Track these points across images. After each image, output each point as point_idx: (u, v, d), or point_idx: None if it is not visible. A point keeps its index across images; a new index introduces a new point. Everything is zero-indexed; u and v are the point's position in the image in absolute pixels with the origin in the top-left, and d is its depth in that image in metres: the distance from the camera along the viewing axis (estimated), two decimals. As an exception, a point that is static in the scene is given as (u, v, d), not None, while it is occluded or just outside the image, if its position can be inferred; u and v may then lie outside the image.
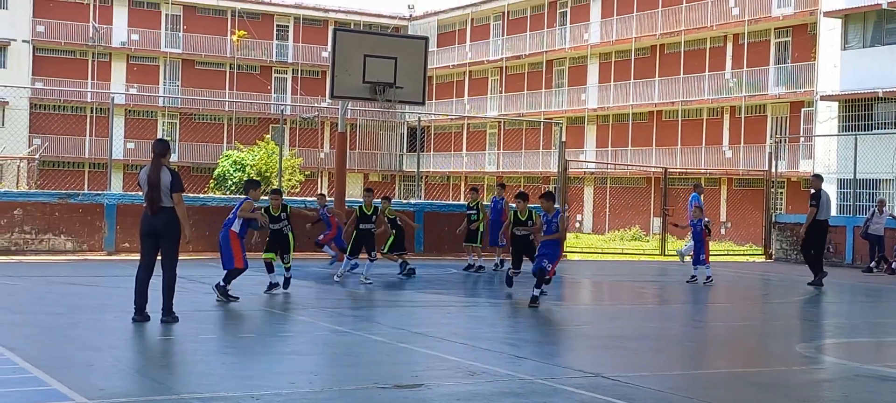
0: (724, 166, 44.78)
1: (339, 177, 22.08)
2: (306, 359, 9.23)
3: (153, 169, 10.53)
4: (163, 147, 10.75)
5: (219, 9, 61.70)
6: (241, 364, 8.72)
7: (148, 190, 10.50)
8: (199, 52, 60.79)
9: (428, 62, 22.47)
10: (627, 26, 50.36)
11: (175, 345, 9.83)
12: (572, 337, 11.18)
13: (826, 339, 11.77)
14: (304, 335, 10.81)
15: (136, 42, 59.92)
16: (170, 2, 60.53)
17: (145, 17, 60.39)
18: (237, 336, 10.55)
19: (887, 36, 37.88)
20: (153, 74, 60.49)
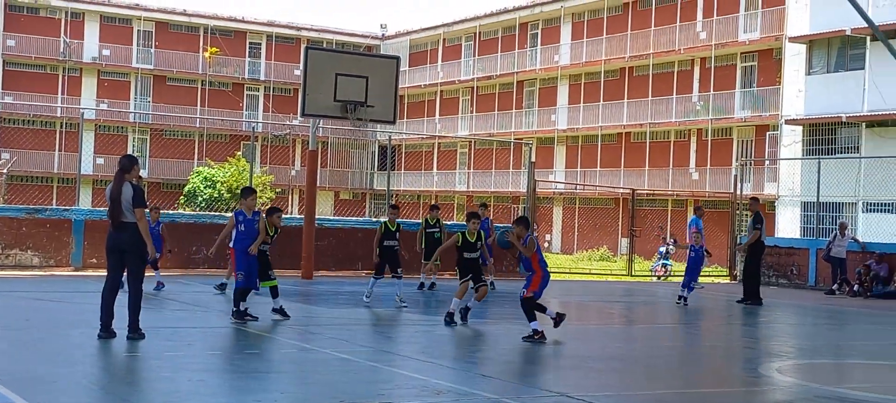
0: (690, 188, 45.05)
1: (309, 194, 22.06)
2: (272, 377, 9.17)
3: (115, 184, 10.43)
4: (127, 162, 10.64)
5: (191, 25, 61.51)
6: (206, 382, 8.66)
7: (110, 205, 10.44)
8: (171, 68, 60.51)
9: (399, 81, 22.53)
10: (597, 49, 50.67)
11: (140, 362, 9.75)
12: (538, 357, 11.18)
13: (788, 360, 11.84)
14: (271, 352, 10.75)
15: (107, 57, 59.58)
16: (142, 18, 60.27)
17: (117, 33, 60.09)
18: (203, 353, 10.46)
19: (851, 62, 38.30)
20: (124, 90, 60.15)
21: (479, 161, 57.15)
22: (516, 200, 50.86)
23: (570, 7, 52.55)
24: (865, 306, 20.11)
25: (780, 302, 20.08)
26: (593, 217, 48.36)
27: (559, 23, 53.57)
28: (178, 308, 14.43)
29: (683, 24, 46.51)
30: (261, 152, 57.44)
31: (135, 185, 10.54)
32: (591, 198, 49.86)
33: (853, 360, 12.35)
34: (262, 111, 62.46)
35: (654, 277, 30.67)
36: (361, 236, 22.71)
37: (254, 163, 26.56)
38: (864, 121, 37.02)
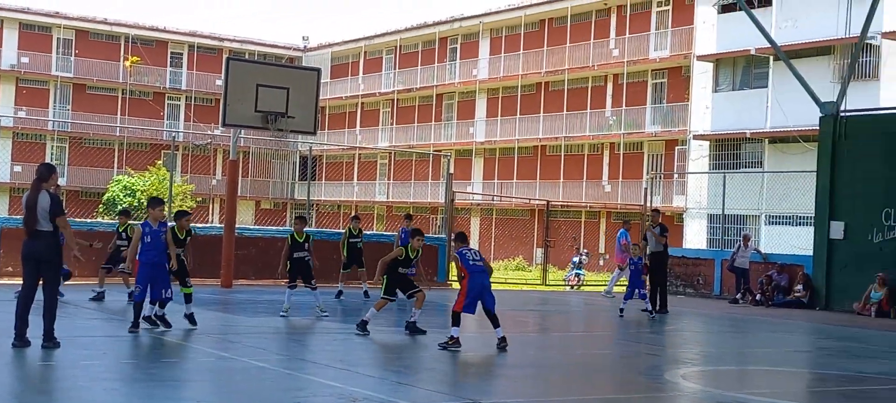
0: (603, 200, 45.60)
1: (229, 203, 21.80)
2: (189, 386, 9.04)
3: (32, 192, 10.22)
4: (45, 171, 10.45)
5: (112, 34, 60.37)
6: (122, 391, 8.50)
7: (25, 213, 10.23)
8: (91, 77, 59.31)
9: (320, 93, 22.43)
10: (514, 64, 51.07)
11: (56, 371, 9.51)
12: (455, 365, 11.21)
13: (693, 367, 12.05)
14: (188, 361, 10.59)
15: (25, 65, 58.13)
16: (62, 26, 58.97)
17: (36, 41, 58.70)
18: (119, 362, 10.26)
19: (755, 80, 39.23)
20: (43, 98, 58.76)
21: (399, 172, 57.13)
22: (435, 211, 50.90)
23: (489, 23, 52.91)
24: (767, 314, 20.57)
25: (686, 311, 20.44)
26: (509, 227, 48.67)
27: (478, 38, 53.88)
28: (94, 317, 14.14)
29: (597, 42, 47.14)
30: (182, 161, 56.55)
31: (53, 194, 10.33)
32: (507, 209, 50.18)
33: (755, 367, 12.61)
34: (184, 120, 61.59)
35: (568, 286, 30.96)
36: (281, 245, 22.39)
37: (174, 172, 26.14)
38: (766, 138, 37.94)
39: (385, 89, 59.45)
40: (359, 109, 61.67)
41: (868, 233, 21.45)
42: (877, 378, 11.43)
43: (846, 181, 22.07)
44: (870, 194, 21.54)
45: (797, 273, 23.07)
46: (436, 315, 17.75)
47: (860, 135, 22.05)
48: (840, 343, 15.69)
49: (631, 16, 45.62)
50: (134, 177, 46.07)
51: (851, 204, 21.93)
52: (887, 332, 17.40)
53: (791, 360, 13.60)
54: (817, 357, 14.18)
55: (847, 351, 14.38)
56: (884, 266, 20.89)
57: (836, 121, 22.29)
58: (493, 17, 52.50)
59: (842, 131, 22.19)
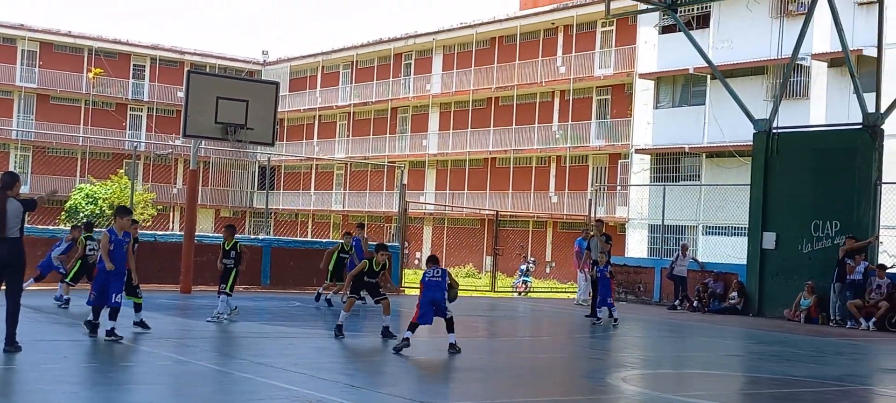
0: (550, 210, 45.83)
1: (189, 211, 21.61)
2: (147, 389, 8.93)
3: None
4: (9, 179, 10.35)
5: (75, 46, 59.59)
6: (80, 394, 8.38)
7: None
8: (55, 88, 58.47)
9: (279, 105, 22.32)
10: (466, 79, 51.20)
11: (16, 374, 9.35)
12: (405, 368, 11.20)
13: (632, 371, 12.15)
14: (147, 365, 10.47)
15: (-10, 75, 57.18)
16: (26, 38, 58.08)
17: (0, 52, 57.75)
18: (79, 365, 10.12)
19: (693, 98, 39.68)
20: (7, 108, 57.81)
21: (355, 182, 56.97)
22: (389, 220, 50.82)
23: (442, 40, 53.01)
24: (703, 320, 20.79)
25: (628, 317, 20.58)
26: (460, 236, 48.72)
27: (431, 54, 53.96)
28: (56, 321, 13.93)
29: (545, 59, 47.43)
30: (143, 170, 55.92)
31: (23, 200, 10.31)
32: (458, 219, 50.24)
33: (692, 370, 12.75)
34: (145, 131, 60.88)
35: (516, 293, 31.05)
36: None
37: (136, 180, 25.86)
38: (704, 152, 38.39)
39: (342, 102, 59.29)
40: (316, 121, 61.43)
41: (798, 244, 21.78)
42: (805, 381, 11.61)
43: (778, 194, 22.40)
44: (800, 206, 21.88)
45: (732, 281, 23.33)
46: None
47: (791, 151, 22.39)
48: (771, 347, 15.91)
49: (577, 35, 45.98)
50: (96, 186, 45.43)
51: (783, 216, 22.26)
52: (815, 337, 17.67)
53: (726, 364, 13.76)
54: (750, 360, 14.37)
55: (778, 356, 14.59)
56: (812, 275, 21.22)
57: (768, 138, 22.62)
58: (446, 34, 52.62)
59: (774, 147, 22.51)
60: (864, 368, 14.21)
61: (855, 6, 33.05)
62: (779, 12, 35.50)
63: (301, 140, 61.85)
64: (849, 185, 21.10)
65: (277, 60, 64.65)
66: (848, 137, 21.88)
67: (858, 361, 14.84)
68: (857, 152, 21.15)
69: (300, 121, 62.55)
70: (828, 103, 34.51)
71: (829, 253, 21.05)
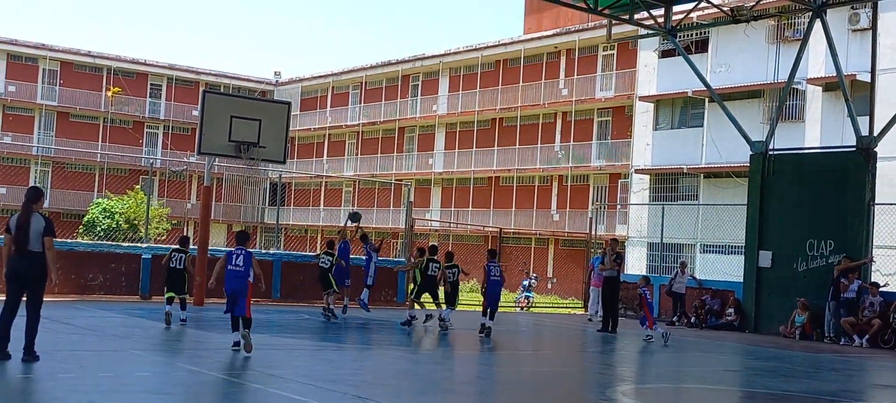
0: (551, 228, 45.77)
1: (203, 226, 21.59)
2: (161, 398, 8.90)
3: (24, 213, 10.10)
4: (35, 194, 10.35)
5: (95, 66, 59.81)
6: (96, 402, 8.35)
7: (16, 233, 10.05)
8: (75, 106, 58.66)
9: (290, 124, 22.33)
10: (471, 100, 51.26)
11: (34, 383, 9.32)
12: (411, 380, 11.16)
13: (632, 384, 12.09)
14: (161, 375, 10.43)
15: (12, 93, 57.39)
16: (48, 57, 58.32)
17: (23, 71, 58.00)
18: (94, 374, 10.09)
19: (691, 120, 39.66)
20: (28, 124, 58.00)
21: (363, 199, 56.96)
22: (396, 235, 50.78)
23: (448, 62, 53.11)
24: (701, 336, 20.70)
25: (629, 332, 20.51)
26: (465, 252, 48.47)
27: (438, 76, 54.05)
28: (73, 332, 13.90)
29: (548, 82, 47.47)
30: (159, 186, 55.96)
31: (46, 217, 10.29)
32: (463, 235, 50.18)
33: (689, 384, 12.68)
34: (161, 148, 61.02)
35: (518, 308, 31.00)
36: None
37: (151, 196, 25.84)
38: (702, 173, 38.34)
39: (351, 122, 59.36)
40: (326, 140, 61.50)
41: (793, 262, 21.70)
42: (800, 397, 11.53)
43: (774, 214, 22.33)
44: (795, 226, 21.81)
45: (729, 298, 23.25)
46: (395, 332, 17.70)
47: (787, 172, 22.35)
48: (767, 363, 15.83)
49: (579, 59, 46.03)
50: (113, 201, 45.48)
51: (778, 236, 22.19)
52: (809, 353, 17.58)
53: (723, 379, 13.69)
54: (746, 376, 14.29)
55: (773, 371, 14.51)
56: (807, 292, 21.13)
57: (765, 159, 22.57)
58: (452, 57, 52.72)
59: (770, 168, 22.47)
60: (857, 384, 14.12)
61: (849, 32, 33.05)
62: (775, 38, 35.51)
63: (311, 158, 61.91)
64: (843, 206, 21.04)
65: (289, 81, 64.80)
66: (842, 159, 21.83)
67: (852, 377, 14.75)
68: (851, 174, 21.09)
69: (311, 139, 62.62)
70: (823, 126, 34.47)
71: (824, 271, 20.97)
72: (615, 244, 20.98)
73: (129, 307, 18.61)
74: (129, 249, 21.54)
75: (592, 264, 24.14)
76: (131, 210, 44.00)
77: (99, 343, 12.68)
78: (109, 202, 45.33)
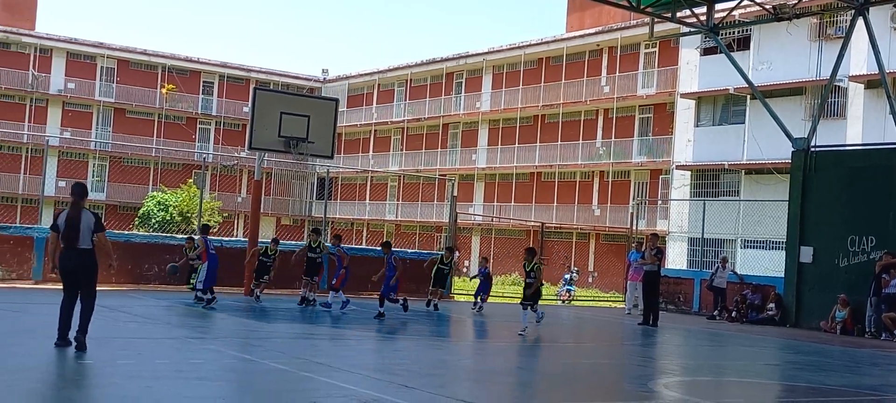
0: (593, 223, 45.55)
1: (253, 219, 21.81)
2: (213, 385, 9.02)
3: (74, 210, 10.10)
4: (84, 190, 10.39)
5: (150, 64, 60.61)
6: (153, 388, 8.48)
7: (67, 230, 10.04)
8: (131, 102, 59.50)
9: (337, 121, 22.44)
10: (514, 97, 51.14)
11: (94, 370, 9.49)
12: (456, 371, 11.18)
13: (674, 377, 12.01)
14: (214, 362, 10.56)
15: (72, 90, 58.36)
16: (105, 55, 59.21)
17: (82, 68, 58.94)
18: (151, 361, 10.24)
19: (733, 116, 39.22)
20: (86, 120, 58.95)
21: (407, 193, 57.14)
22: (439, 229, 50.89)
23: (492, 60, 53.03)
24: (741, 330, 20.50)
25: (669, 326, 20.38)
26: (507, 246, 48.56)
27: (481, 73, 54.00)
28: (129, 320, 14.13)
29: (590, 79, 47.22)
30: (210, 180, 56.61)
31: (95, 213, 10.34)
32: (505, 229, 50.14)
33: (730, 378, 12.56)
34: (213, 143, 61.69)
35: (559, 301, 30.91)
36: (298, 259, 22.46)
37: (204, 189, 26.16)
38: (743, 169, 37.91)
39: (396, 118, 59.54)
40: (372, 136, 61.75)
41: (834, 258, 21.40)
42: (839, 391, 11.38)
43: (815, 210, 22.03)
44: (836, 222, 21.50)
45: (769, 293, 22.99)
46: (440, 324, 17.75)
47: (828, 169, 22.03)
48: (808, 357, 15.63)
49: (621, 56, 45.72)
50: (167, 194, 46.09)
51: (820, 231, 21.89)
52: (850, 348, 17.32)
53: (763, 372, 13.54)
54: (786, 370, 14.12)
55: (814, 365, 14.32)
56: (848, 288, 20.82)
57: (806, 156, 22.27)
58: (496, 55, 52.64)
59: (812, 165, 22.17)
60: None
61: (891, 30, 32.48)
62: (817, 35, 34.99)
63: (358, 153, 62.21)
64: (884, 202, 20.70)
65: (336, 78, 65.14)
66: (884, 156, 21.48)
67: (893, 372, 14.51)
68: (893, 170, 20.74)
69: (357, 135, 62.92)
70: (864, 123, 33.90)
71: (865, 267, 20.65)
72: (656, 239, 20.89)
73: (184, 297, 18.86)
74: (182, 241, 21.82)
75: (629, 258, 24.00)
76: (184, 203, 44.53)
77: (155, 332, 12.87)
78: (164, 195, 45.92)
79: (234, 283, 21.08)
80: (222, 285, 21.06)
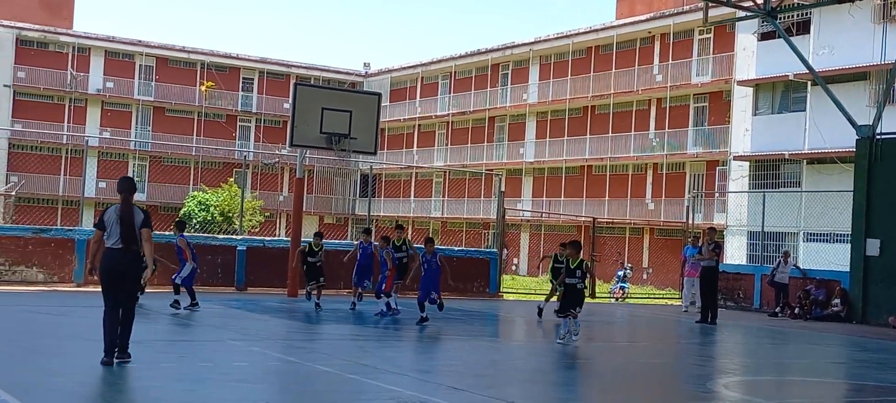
0: (646, 217, 45.21)
1: (296, 218, 21.96)
2: (258, 387, 9.09)
3: (127, 206, 9.53)
4: (133, 185, 9.77)
5: (189, 61, 61.33)
6: (196, 391, 8.57)
7: (124, 228, 9.48)
8: (170, 100, 60.28)
9: (380, 115, 22.50)
10: (562, 89, 50.90)
11: (136, 372, 9.60)
12: (504, 371, 11.15)
13: (734, 377, 11.86)
14: (257, 365, 10.65)
15: (110, 89, 59.27)
16: (144, 53, 60.04)
17: (120, 67, 59.83)
18: (194, 364, 10.36)
19: (793, 104, 38.66)
20: (126, 119, 59.83)
21: (453, 189, 57.16)
22: (487, 226, 50.86)
23: (538, 50, 52.83)
24: (805, 327, 20.21)
25: (728, 323, 20.16)
26: (557, 242, 48.18)
27: (528, 64, 53.82)
28: (171, 322, 14.31)
29: (641, 68, 46.83)
30: (252, 179, 57.18)
31: (144, 210, 9.85)
32: (555, 225, 49.93)
33: (793, 377, 12.38)
34: (254, 141, 62.27)
35: (613, 299, 30.71)
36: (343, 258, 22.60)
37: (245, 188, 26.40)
38: (805, 159, 37.35)
39: (440, 112, 59.59)
40: (416, 131, 61.88)
41: (903, 251, 20.99)
42: (913, 390, 11.15)
43: (882, 200, 21.63)
44: (905, 213, 21.09)
45: (834, 288, 22.65)
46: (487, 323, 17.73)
47: (894, 157, 21.61)
48: (876, 355, 15.35)
49: (674, 43, 45.28)
50: (208, 194, 46.62)
51: (887, 222, 21.48)
52: (922, 346, 16.98)
53: (829, 371, 13.33)
54: (854, 368, 13.88)
55: (883, 363, 14.06)
56: (919, 282, 20.43)
57: (871, 144, 21.88)
58: (543, 44, 52.42)
59: (877, 153, 21.78)
60: (974, 378, 13.57)
61: (962, 9, 31.74)
62: (881, 17, 34.34)
63: (401, 149, 62.37)
64: (957, 191, 20.26)
65: (378, 72, 65.36)
66: (956, 142, 21.01)
67: (969, 371, 14.19)
68: (966, 157, 20.29)
69: (400, 130, 63.09)
70: (933, 108, 33.19)
71: (937, 260, 20.23)
72: (713, 233, 20.68)
73: (226, 298, 19.07)
74: (224, 241, 22.07)
75: (684, 254, 23.77)
76: (225, 202, 45.03)
77: (197, 334, 13.01)
78: (204, 195, 46.47)
79: (276, 284, 21.26)
80: (265, 286, 21.29)
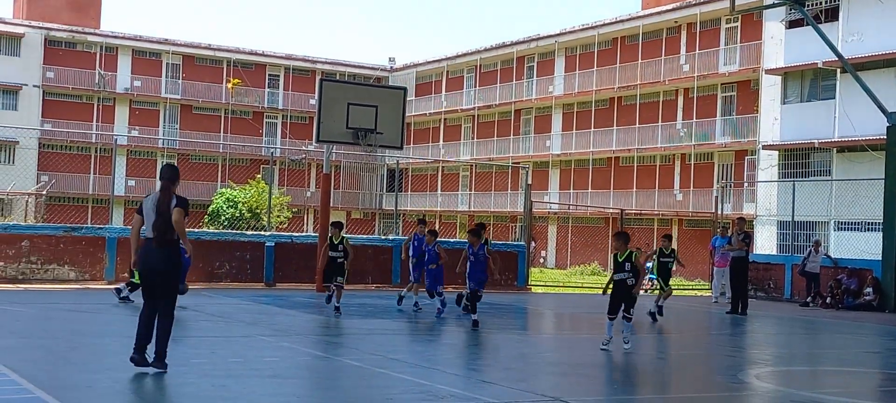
0: (675, 208, 44.97)
1: (323, 214, 22.05)
2: (289, 382, 9.15)
3: (165, 196, 8.94)
4: (175, 173, 9.11)
5: (215, 59, 61.67)
6: (228, 386, 8.63)
7: (158, 219, 8.85)
8: (197, 98, 60.65)
9: (406, 110, 22.54)
10: (588, 80, 50.71)
11: (168, 368, 9.68)
12: (534, 364, 11.15)
13: (766, 367, 11.79)
14: (288, 360, 10.71)
15: (138, 88, 59.73)
16: (170, 51, 60.44)
17: (147, 65, 60.27)
18: (225, 359, 10.44)
19: (823, 92, 38.30)
20: (154, 118, 60.28)
21: (480, 183, 57.14)
22: (514, 219, 50.80)
23: (564, 42, 52.65)
24: (837, 317, 20.05)
25: (759, 314, 20.04)
26: (585, 235, 48.26)
27: (553, 56, 53.66)
28: (203, 319, 14.42)
29: (668, 58, 46.56)
30: (279, 175, 57.43)
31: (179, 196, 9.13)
32: (582, 218, 49.80)
33: (826, 367, 12.30)
34: (280, 137, 62.54)
35: (643, 290, 30.56)
36: (371, 252, 22.72)
37: (272, 185, 26.53)
38: (835, 147, 37.00)
39: (466, 106, 59.55)
40: (442, 125, 61.89)
41: (937, 239, 20.76)
42: (948, 379, 11.04)
43: (914, 188, 21.40)
44: (938, 200, 20.85)
45: (866, 277, 22.46)
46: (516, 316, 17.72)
47: (928, 144, 21.37)
48: (910, 345, 15.20)
49: (701, 32, 44.99)
50: (236, 190, 46.88)
51: (920, 211, 21.25)
52: (957, 335, 16.80)
53: (862, 361, 13.22)
54: (887, 357, 13.76)
55: (918, 353, 13.92)
56: (953, 270, 20.19)
57: (903, 130, 21.64)
58: (568, 36, 52.24)
59: (909, 140, 21.54)
60: None
61: None
62: (912, 2, 33.91)
63: (427, 143, 62.41)
64: None
65: (404, 66, 65.42)
66: None
67: None
68: None
69: (426, 124, 63.13)
70: (966, 94, 32.78)
71: (971, 248, 19.99)
72: (743, 223, 20.57)
73: (256, 294, 19.19)
74: (252, 237, 22.20)
75: (713, 244, 23.66)
76: (253, 199, 45.24)
77: (228, 329, 13.10)
78: (232, 192, 46.72)
79: (304, 279, 21.37)
80: (294, 281, 21.40)
